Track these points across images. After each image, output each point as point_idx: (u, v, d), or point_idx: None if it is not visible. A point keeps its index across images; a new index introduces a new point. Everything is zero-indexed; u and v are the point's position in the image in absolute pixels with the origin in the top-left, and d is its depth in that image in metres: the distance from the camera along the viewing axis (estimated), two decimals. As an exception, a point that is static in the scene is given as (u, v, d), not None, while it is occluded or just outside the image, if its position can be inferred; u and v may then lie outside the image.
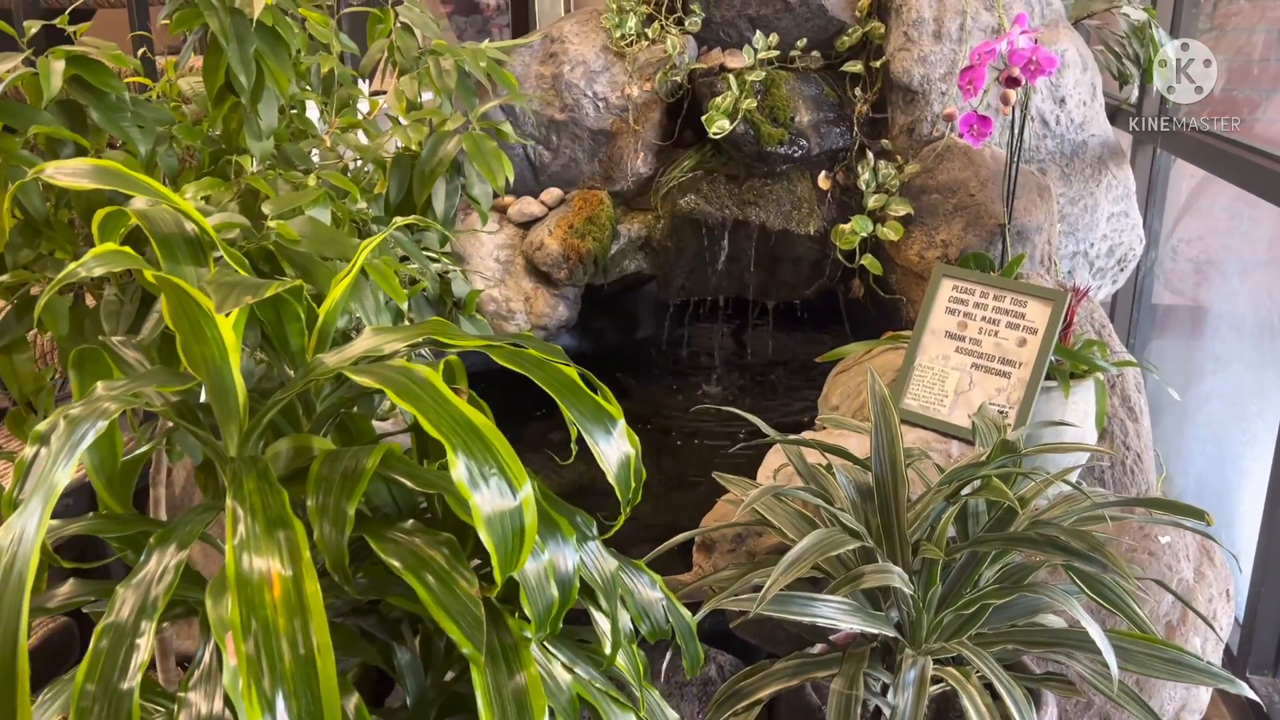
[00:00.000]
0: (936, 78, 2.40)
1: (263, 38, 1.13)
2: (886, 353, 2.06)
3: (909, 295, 2.40)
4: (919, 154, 2.42)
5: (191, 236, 0.89)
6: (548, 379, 0.92)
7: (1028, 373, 1.79)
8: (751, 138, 2.44)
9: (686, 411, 2.60)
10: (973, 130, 2.04)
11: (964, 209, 2.32)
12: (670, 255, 2.61)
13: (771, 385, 2.73)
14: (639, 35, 2.57)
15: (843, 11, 2.50)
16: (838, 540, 1.19)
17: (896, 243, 2.38)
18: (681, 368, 2.88)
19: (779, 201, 2.48)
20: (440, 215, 1.23)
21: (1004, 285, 1.84)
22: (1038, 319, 1.81)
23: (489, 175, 1.18)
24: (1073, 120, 2.49)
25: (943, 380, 1.85)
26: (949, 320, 1.88)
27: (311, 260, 0.98)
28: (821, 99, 2.52)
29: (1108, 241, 2.59)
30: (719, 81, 2.49)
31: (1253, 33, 2.64)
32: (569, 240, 2.51)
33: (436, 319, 0.96)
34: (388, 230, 0.97)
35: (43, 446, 0.80)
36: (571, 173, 2.67)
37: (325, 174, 1.09)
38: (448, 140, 1.21)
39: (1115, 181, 2.54)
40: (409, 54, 1.52)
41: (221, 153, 1.18)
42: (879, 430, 1.34)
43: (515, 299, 2.55)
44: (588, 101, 2.58)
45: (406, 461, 0.89)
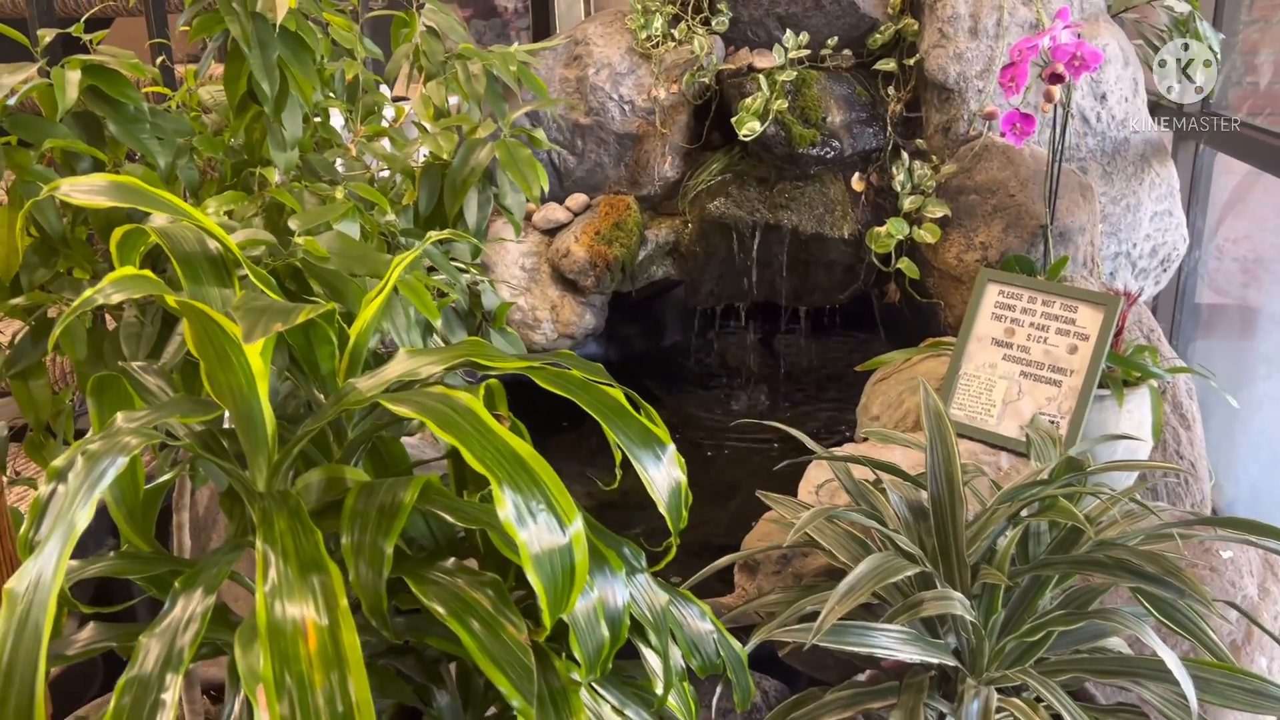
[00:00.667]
0: (973, 75, 2.33)
1: (286, 44, 1.08)
2: (927, 360, 1.99)
3: (947, 299, 2.33)
4: (955, 153, 2.35)
5: (215, 255, 0.84)
6: (593, 403, 0.86)
7: (1080, 381, 1.72)
8: (783, 139, 2.37)
9: (717, 421, 2.54)
10: (1015, 129, 1.97)
11: (1004, 210, 2.24)
12: (699, 260, 2.55)
13: (805, 393, 2.66)
14: (665, 36, 2.51)
15: (874, 8, 2.44)
16: (895, 566, 1.12)
17: (934, 245, 2.31)
18: (711, 375, 2.82)
19: (811, 204, 2.41)
20: (473, 227, 1.18)
21: (1053, 290, 1.77)
22: (1089, 325, 1.73)
23: (523, 185, 1.12)
24: (1114, 117, 2.41)
25: (990, 389, 1.78)
26: (995, 327, 1.81)
27: (341, 278, 0.92)
28: (854, 98, 2.45)
29: (1150, 241, 2.51)
30: (748, 82, 2.43)
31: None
32: (596, 247, 2.46)
33: (474, 339, 0.91)
34: (422, 246, 0.91)
35: (60, 484, 0.75)
36: (597, 177, 2.61)
37: (353, 186, 1.04)
38: (480, 149, 1.15)
39: (1158, 179, 2.46)
40: (435, 58, 1.47)
41: (244, 164, 1.13)
42: (934, 447, 1.27)
43: (541, 307, 2.50)
44: (613, 105, 2.52)
45: (446, 494, 0.83)
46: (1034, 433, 1.50)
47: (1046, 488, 1.21)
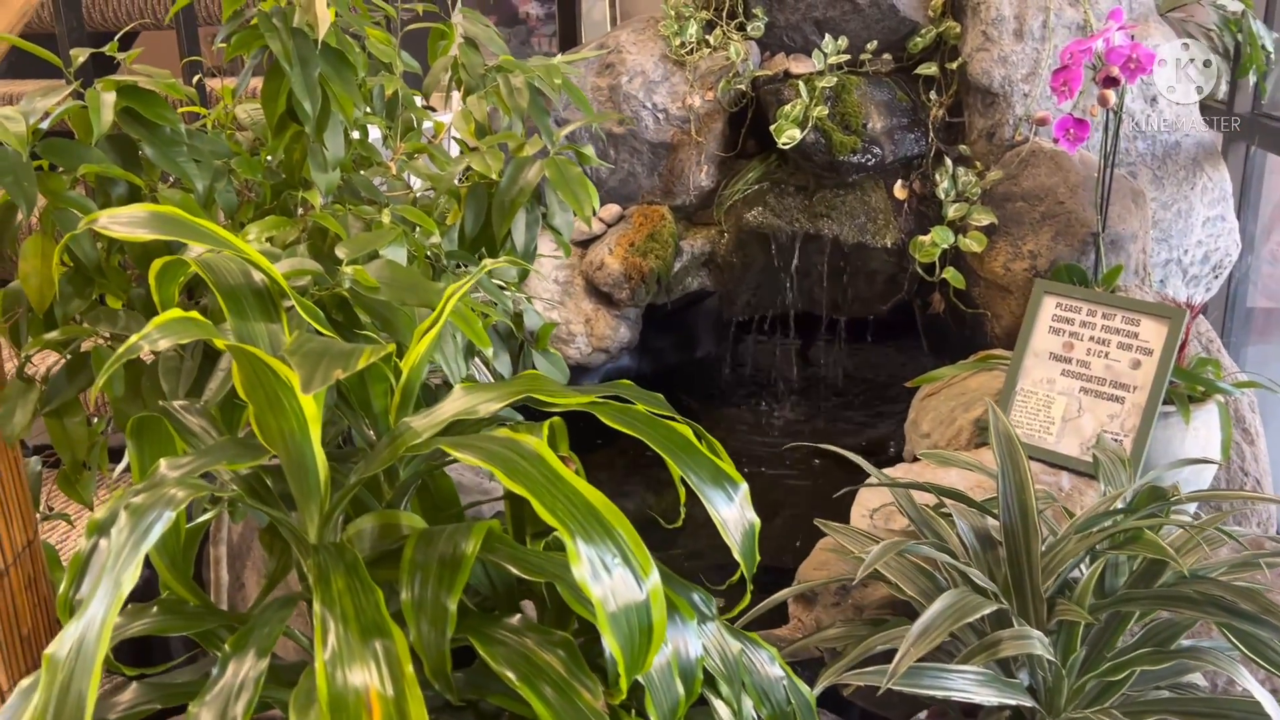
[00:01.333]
0: (1018, 79, 2.26)
1: (328, 60, 1.03)
2: (979, 375, 1.92)
3: (993, 310, 2.27)
4: (1001, 159, 2.28)
5: (260, 288, 0.79)
6: (661, 440, 0.80)
7: (1144, 397, 1.65)
8: (823, 147, 2.31)
9: (753, 435, 2.48)
10: (1069, 135, 1.90)
11: (1053, 217, 2.17)
12: (736, 271, 2.49)
13: (845, 406, 2.59)
14: (699, 42, 2.46)
15: (915, 11, 2.37)
16: (971, 604, 1.06)
17: (979, 254, 2.24)
18: (746, 387, 2.76)
19: (852, 213, 2.35)
20: (521, 249, 1.12)
21: (1114, 302, 1.70)
22: (1152, 338, 1.66)
23: (574, 205, 1.07)
24: (1165, 119, 2.33)
25: (1048, 406, 1.71)
26: (1053, 341, 1.74)
27: (391, 309, 0.87)
28: (894, 104, 2.38)
29: (1203, 248, 2.44)
30: (785, 89, 2.37)
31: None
32: (630, 259, 2.40)
33: (531, 374, 0.85)
34: (477, 274, 0.86)
35: (102, 538, 0.70)
36: (630, 187, 2.56)
37: (400, 209, 0.99)
38: (529, 167, 1.10)
39: (1211, 184, 2.39)
40: (474, 71, 1.42)
41: (283, 186, 1.09)
42: (1006, 473, 1.21)
43: (575, 321, 2.45)
44: (647, 113, 2.47)
45: (509, 543, 0.77)
46: (1102, 454, 1.43)
47: (1128, 518, 1.14)
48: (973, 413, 1.84)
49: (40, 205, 1.00)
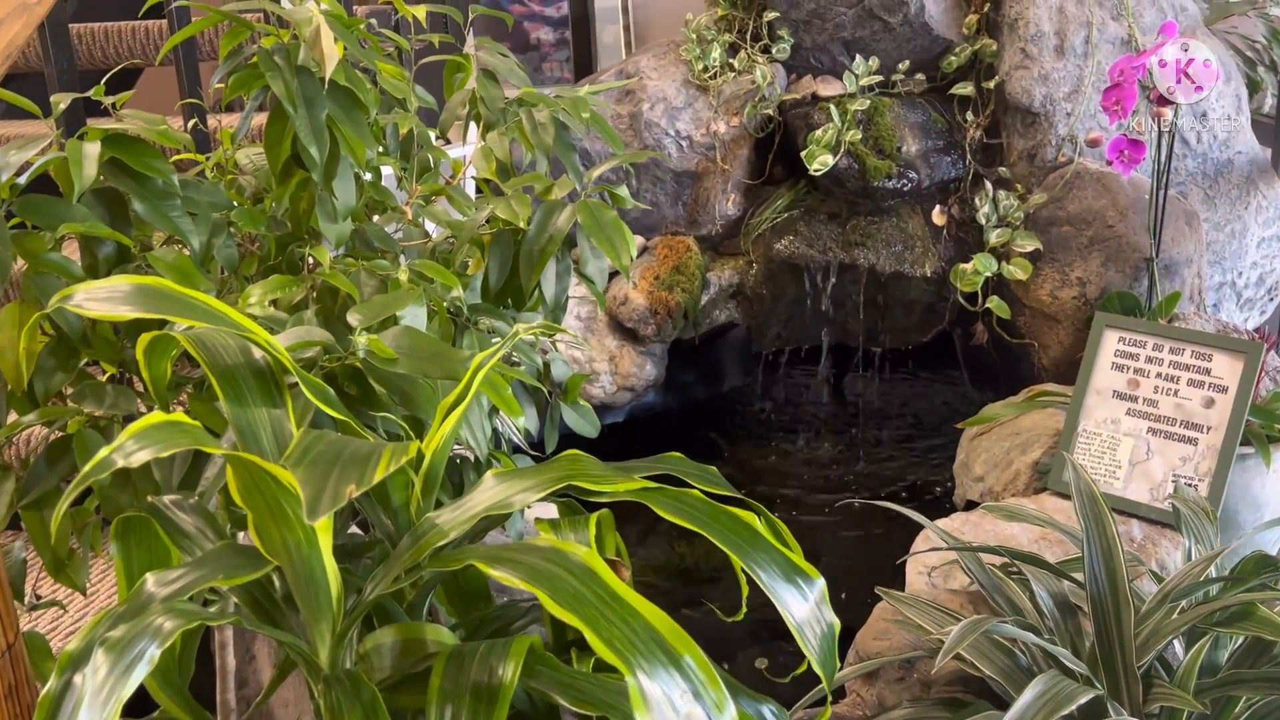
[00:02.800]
0: (1060, 97, 2.15)
1: (336, 100, 0.93)
2: (1032, 414, 1.80)
3: (1040, 340, 2.15)
4: (1043, 182, 2.17)
5: (261, 366, 0.68)
6: (723, 533, 0.69)
7: (1219, 438, 1.53)
8: (856, 172, 2.21)
9: (786, 475, 2.36)
10: (1123, 157, 1.79)
11: (1101, 242, 2.06)
12: (765, 303, 2.38)
13: (885, 444, 2.47)
14: (723, 66, 2.36)
15: (948, 29, 2.27)
16: (1065, 693, 0.94)
17: (1024, 282, 2.12)
18: (777, 423, 2.64)
19: (888, 241, 2.24)
20: (551, 300, 1.02)
21: (1182, 336, 1.58)
22: (1226, 375, 1.54)
23: (610, 253, 0.96)
24: (1216, 137, 2.22)
25: (1113, 448, 1.59)
26: (1116, 378, 1.62)
27: (410, 381, 0.77)
28: (929, 126, 2.28)
29: (1258, 270, 2.32)
30: (814, 112, 2.27)
31: None
32: (656, 293, 2.30)
33: (572, 454, 0.74)
34: (510, 341, 0.76)
35: (75, 675, 0.59)
36: (653, 218, 2.45)
37: (418, 264, 0.89)
38: (559, 212, 1.00)
39: (1265, 203, 2.27)
40: (494, 105, 1.32)
41: (289, 238, 0.98)
42: (1092, 537, 1.09)
43: (599, 359, 2.34)
44: (670, 141, 2.37)
45: (553, 665, 0.66)
46: (1183, 505, 1.31)
47: (1232, 589, 1.02)
48: (1030, 455, 1.72)
49: (20, 268, 0.90)
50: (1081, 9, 2.16)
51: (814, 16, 2.31)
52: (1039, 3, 2.15)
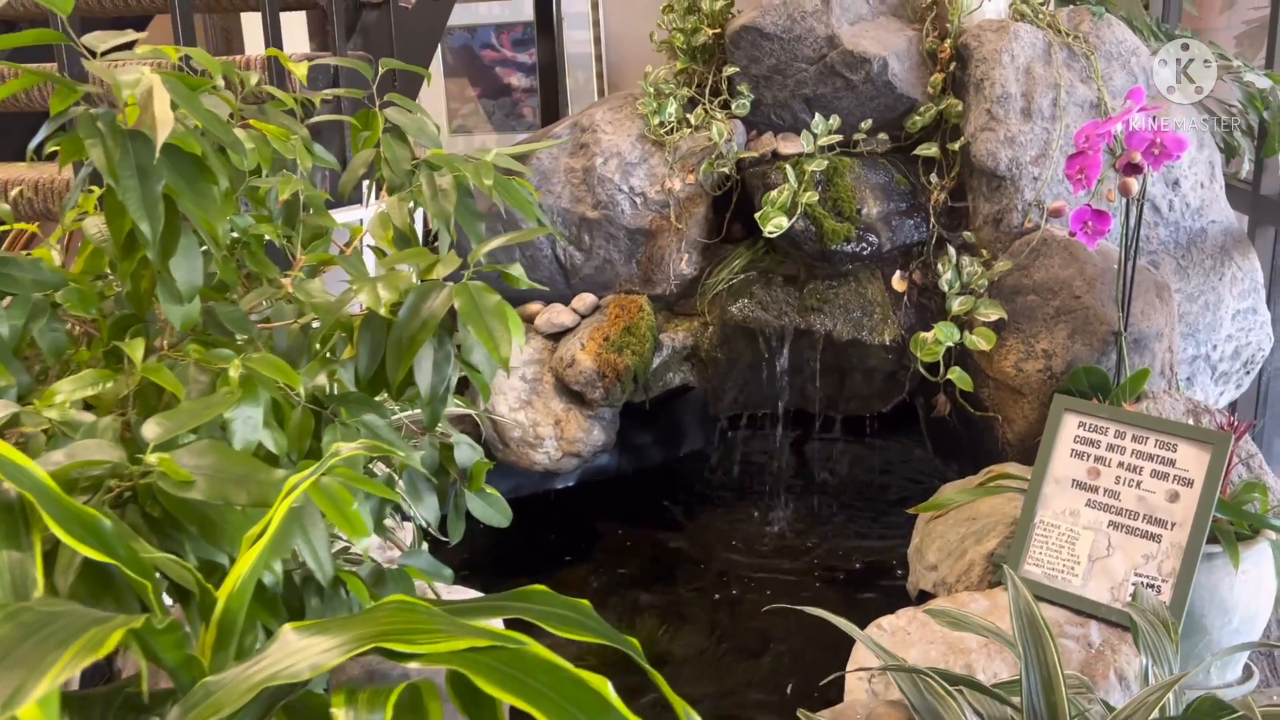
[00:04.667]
0: (1027, 161, 2.07)
1: (178, 169, 0.82)
2: (991, 498, 1.69)
3: (1005, 414, 2.04)
4: (1009, 248, 2.08)
5: (12, 502, 0.57)
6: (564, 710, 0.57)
7: (1184, 536, 1.42)
8: (813, 235, 2.11)
9: (742, 549, 2.24)
10: (1087, 228, 1.70)
11: (1068, 313, 1.96)
12: (721, 367, 2.27)
13: (843, 514, 2.36)
14: (680, 122, 2.27)
15: (913, 88, 2.19)
16: None
17: (988, 353, 2.02)
18: (735, 491, 2.53)
19: (847, 306, 2.14)
20: (427, 392, 0.91)
21: (1145, 424, 1.48)
22: (1192, 467, 1.44)
23: (487, 342, 0.86)
24: (1189, 205, 2.13)
25: (1072, 542, 1.48)
26: (1075, 466, 1.52)
27: (214, 509, 0.66)
28: (892, 187, 2.19)
29: (1233, 343, 2.22)
30: (772, 171, 2.18)
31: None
32: (604, 355, 2.19)
33: (394, 604, 0.63)
34: (327, 463, 0.65)
35: None
36: (606, 275, 2.36)
37: (254, 360, 0.78)
38: (435, 294, 0.89)
39: (1240, 274, 2.18)
40: (400, 167, 1.22)
41: (130, 320, 0.88)
42: (1031, 667, 0.97)
43: (544, 423, 2.22)
44: (623, 197, 2.27)
45: None
46: (1139, 614, 1.20)
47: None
48: (985, 545, 1.61)
49: None
50: (1049, 71, 2.09)
51: (774, 72, 2.23)
52: (1005, 63, 2.07)
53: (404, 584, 1.15)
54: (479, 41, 4.09)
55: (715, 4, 2.29)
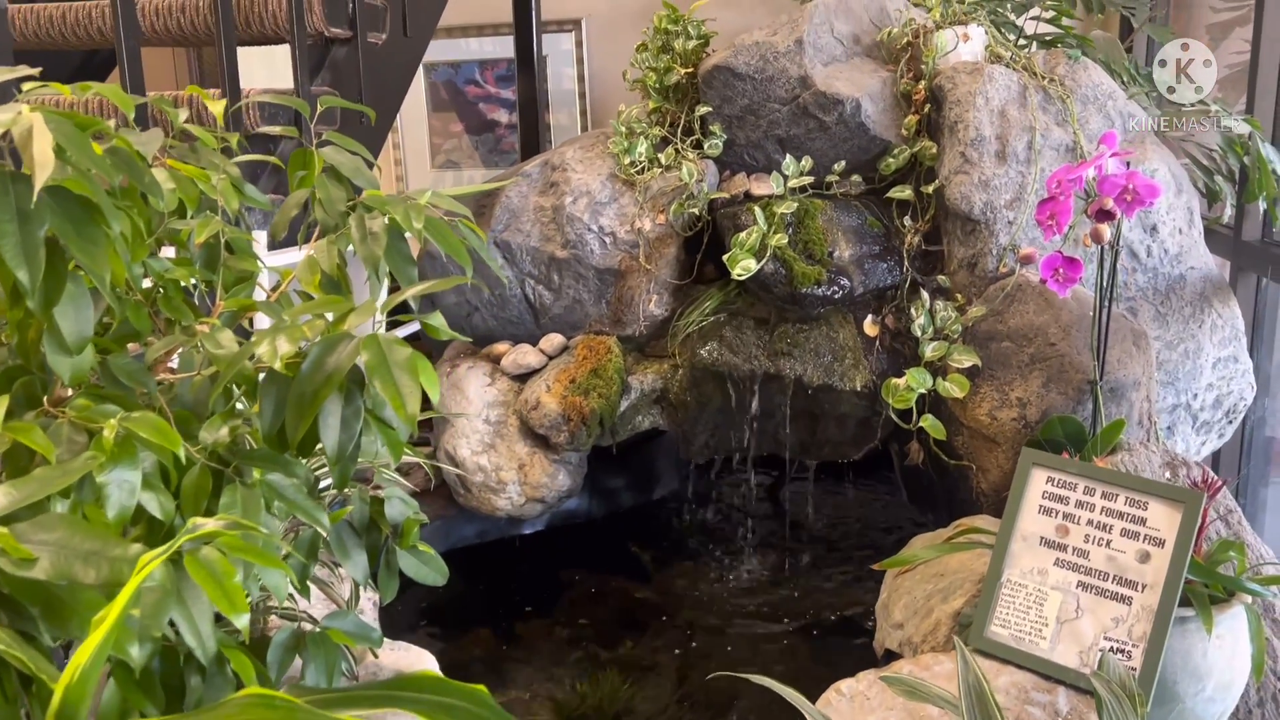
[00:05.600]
0: (1002, 205, 2.03)
1: (65, 214, 0.78)
2: (959, 554, 1.63)
3: (979, 463, 1.99)
4: (984, 293, 2.03)
5: None
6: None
7: (1155, 598, 1.36)
8: (783, 277, 2.07)
9: (712, 599, 2.18)
10: (1058, 276, 1.65)
11: (1043, 360, 1.91)
12: (691, 410, 2.22)
13: (816, 562, 2.30)
14: (651, 161, 2.24)
15: (886, 129, 2.15)
16: None
17: (962, 400, 1.97)
18: (707, 536, 2.47)
19: (817, 351, 2.09)
20: (333, 450, 0.85)
21: (1115, 480, 1.42)
22: (1163, 526, 1.38)
23: (394, 400, 0.80)
24: (1167, 251, 2.09)
25: (1040, 603, 1.42)
26: (1044, 523, 1.46)
27: (61, 586, 0.60)
28: (864, 230, 2.15)
29: (1214, 391, 2.17)
30: (743, 212, 2.14)
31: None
32: (570, 398, 2.14)
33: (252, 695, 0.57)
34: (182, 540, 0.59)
35: None
36: (576, 315, 2.31)
37: (132, 421, 0.72)
38: (342, 347, 0.84)
39: (1221, 321, 2.13)
40: (334, 209, 1.17)
41: (18, 372, 0.83)
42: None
43: (507, 467, 2.17)
44: (593, 236, 2.23)
45: None
46: (1105, 688, 1.13)
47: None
48: (951, 603, 1.54)
49: None
50: (1024, 114, 2.05)
51: (747, 112, 2.19)
52: (980, 106, 2.04)
53: (324, 649, 1.09)
54: (463, 77, 4.08)
55: (688, 44, 2.26)
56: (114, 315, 0.87)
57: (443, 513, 2.26)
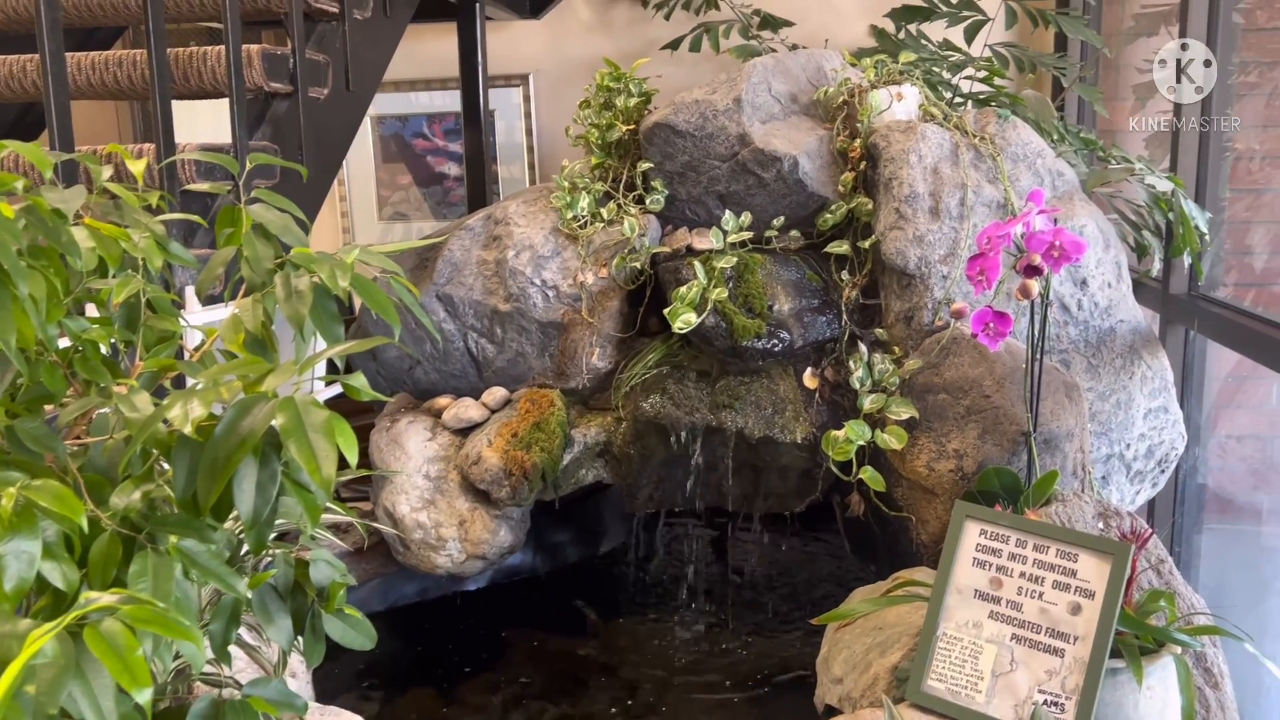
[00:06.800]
0: (936, 259, 2.07)
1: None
2: (900, 606, 1.63)
3: (918, 514, 2.00)
4: (920, 346, 2.06)
5: None
6: None
7: (1087, 650, 1.37)
8: (723, 331, 2.08)
9: (657, 653, 2.16)
10: (989, 330, 1.68)
11: (979, 412, 1.94)
12: (634, 464, 2.21)
13: (761, 617, 2.28)
14: (594, 216, 2.25)
15: (824, 186, 2.19)
16: None
17: (900, 452, 1.99)
18: (653, 590, 2.45)
19: (758, 403, 2.10)
20: (248, 515, 0.84)
21: (1045, 532, 1.44)
22: (1093, 578, 1.40)
23: (310, 464, 0.79)
24: (1097, 304, 2.14)
25: (975, 656, 1.43)
26: (978, 576, 1.47)
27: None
28: (803, 284, 2.18)
29: (1146, 441, 2.21)
30: (684, 267, 2.16)
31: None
32: (511, 452, 2.12)
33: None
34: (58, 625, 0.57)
35: None
36: (519, 368, 2.30)
37: (30, 488, 0.71)
38: (257, 409, 0.83)
39: (1151, 373, 2.18)
40: (261, 266, 1.16)
41: (-84, 438, 0.81)
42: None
43: (447, 524, 2.14)
44: (535, 290, 2.24)
45: None
46: (1036, 742, 1.14)
47: None
48: (889, 657, 1.54)
49: None
50: (957, 171, 2.10)
51: (688, 169, 2.22)
52: (913, 163, 2.08)
53: (245, 718, 1.06)
54: (411, 130, 4.09)
55: (630, 101, 2.29)
56: (24, 377, 0.86)
57: (382, 570, 2.22)
